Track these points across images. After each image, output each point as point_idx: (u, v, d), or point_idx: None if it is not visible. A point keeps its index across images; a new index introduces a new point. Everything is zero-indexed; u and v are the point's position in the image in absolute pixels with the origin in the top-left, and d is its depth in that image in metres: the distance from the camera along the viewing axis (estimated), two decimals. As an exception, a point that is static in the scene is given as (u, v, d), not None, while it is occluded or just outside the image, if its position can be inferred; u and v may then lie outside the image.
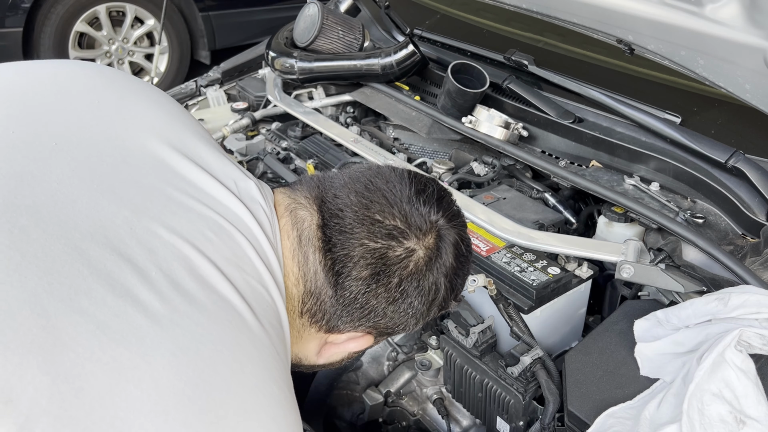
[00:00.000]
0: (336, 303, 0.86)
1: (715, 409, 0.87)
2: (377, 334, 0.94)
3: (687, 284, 1.19)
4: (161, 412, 0.60)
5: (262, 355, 0.72)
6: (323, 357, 0.96)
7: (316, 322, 0.89)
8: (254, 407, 0.67)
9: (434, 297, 0.91)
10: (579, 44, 1.85)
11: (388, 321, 0.90)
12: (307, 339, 0.92)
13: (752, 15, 1.18)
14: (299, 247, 0.86)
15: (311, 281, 0.86)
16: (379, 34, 2.20)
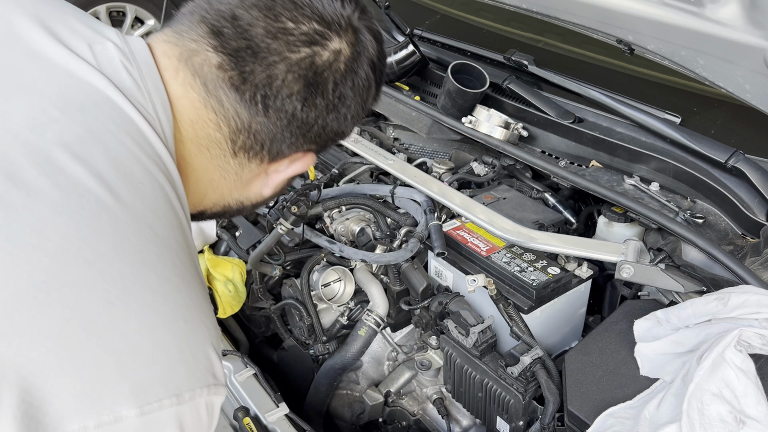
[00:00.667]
0: (274, 127, 0.81)
1: (715, 409, 0.87)
2: (318, 149, 0.89)
3: (687, 284, 1.19)
4: (4, 316, 0.56)
5: (130, 240, 0.65)
6: (269, 187, 0.91)
7: (255, 155, 0.83)
8: (119, 297, 0.61)
9: (368, 92, 0.88)
10: (579, 44, 1.86)
11: (329, 131, 0.86)
12: (249, 178, 0.87)
13: (752, 15, 1.18)
14: (208, 94, 0.78)
15: (234, 120, 0.80)
16: (379, 35, 2.20)
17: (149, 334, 0.63)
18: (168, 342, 0.64)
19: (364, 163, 1.76)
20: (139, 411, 0.60)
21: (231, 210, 0.93)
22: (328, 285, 1.54)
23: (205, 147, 0.82)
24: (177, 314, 0.66)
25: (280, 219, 1.54)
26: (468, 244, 1.39)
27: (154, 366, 0.62)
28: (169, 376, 0.63)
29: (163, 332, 0.64)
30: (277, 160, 0.86)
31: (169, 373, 0.63)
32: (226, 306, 1.64)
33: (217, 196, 0.88)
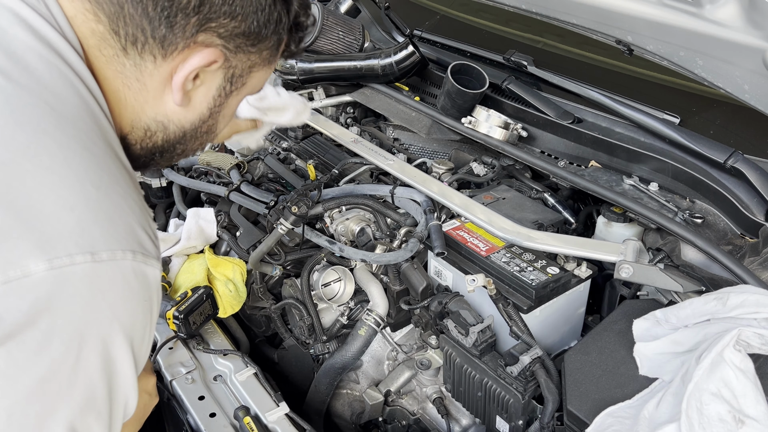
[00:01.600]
0: (144, 6, 0.74)
1: (714, 409, 0.87)
2: (225, 45, 0.81)
3: (686, 284, 1.19)
4: None
5: (23, 111, 0.64)
6: (180, 96, 0.82)
7: (144, 47, 0.77)
8: (12, 158, 0.60)
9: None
10: (578, 45, 1.86)
11: (225, 17, 0.78)
12: (155, 87, 0.81)
13: (751, 16, 1.19)
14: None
15: (106, 3, 0.74)
16: (379, 35, 2.20)
17: (50, 192, 0.60)
18: (73, 201, 0.62)
19: (364, 163, 1.76)
20: (48, 265, 0.58)
21: (156, 138, 0.87)
22: (328, 285, 1.54)
23: (96, 48, 0.77)
24: (82, 178, 0.63)
25: (281, 219, 1.55)
26: (468, 244, 1.39)
27: (60, 222, 0.60)
28: (79, 233, 0.61)
29: (65, 191, 0.62)
30: (170, 53, 0.78)
31: (78, 230, 0.61)
32: (227, 306, 1.65)
33: (131, 115, 0.83)
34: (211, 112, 0.89)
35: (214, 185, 1.89)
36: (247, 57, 0.86)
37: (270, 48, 0.88)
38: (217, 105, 0.89)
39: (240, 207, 1.78)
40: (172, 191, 2.06)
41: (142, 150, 0.87)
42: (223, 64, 0.83)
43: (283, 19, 0.86)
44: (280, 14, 0.85)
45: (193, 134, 0.90)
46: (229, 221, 1.82)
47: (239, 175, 1.85)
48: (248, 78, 0.89)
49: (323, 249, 1.58)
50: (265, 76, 0.94)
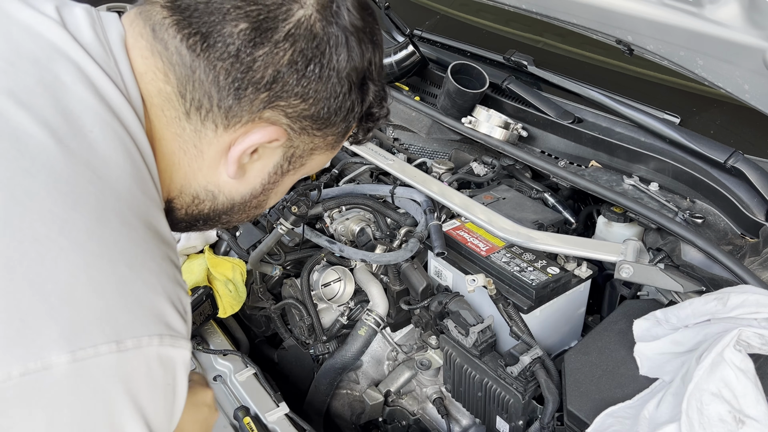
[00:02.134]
0: (216, 74, 0.73)
1: (715, 409, 0.87)
2: (290, 125, 0.79)
3: (686, 284, 1.19)
4: None
5: (67, 181, 0.61)
6: (234, 169, 0.80)
7: (208, 114, 0.75)
8: (47, 235, 0.57)
9: (347, 65, 0.78)
10: (578, 45, 1.86)
11: (296, 98, 0.76)
12: (211, 155, 0.79)
13: (751, 15, 1.18)
14: (155, 38, 0.74)
15: (177, 64, 0.73)
16: (378, 35, 2.20)
17: (81, 274, 0.57)
18: (104, 284, 0.58)
19: (364, 163, 1.76)
20: (70, 357, 0.55)
21: (203, 207, 0.85)
22: (328, 285, 1.54)
23: (159, 107, 0.76)
24: (116, 258, 0.60)
25: (280, 219, 1.55)
26: (468, 244, 1.39)
27: (88, 309, 0.57)
28: (106, 319, 0.57)
29: (98, 273, 0.58)
30: (233, 125, 0.76)
31: (105, 317, 0.57)
32: (227, 306, 1.64)
33: (182, 180, 0.81)
34: (263, 189, 0.87)
35: (214, 185, 1.88)
36: (311, 140, 0.84)
37: (336, 134, 0.85)
38: (271, 182, 0.87)
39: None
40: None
41: (186, 216, 0.85)
42: (284, 143, 0.82)
43: (355, 108, 0.84)
44: (353, 103, 0.83)
45: (241, 207, 0.88)
46: (229, 221, 1.81)
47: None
48: (308, 160, 0.87)
49: (323, 249, 1.58)
50: (326, 160, 0.91)
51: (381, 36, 0.85)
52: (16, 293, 0.54)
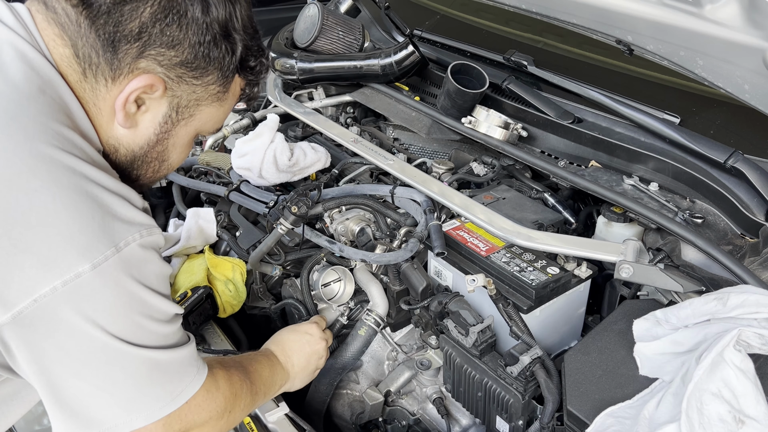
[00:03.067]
0: (96, 29, 0.86)
1: (714, 409, 0.87)
2: (166, 73, 0.91)
3: (686, 284, 1.19)
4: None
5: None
6: (131, 125, 0.94)
7: (97, 69, 0.88)
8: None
9: (203, 16, 0.90)
10: (578, 45, 1.86)
11: (163, 46, 0.89)
12: (105, 108, 0.92)
13: (751, 15, 1.18)
14: (47, 9, 0.88)
15: (67, 25, 0.87)
16: (379, 35, 2.20)
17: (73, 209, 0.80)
18: (89, 213, 0.81)
19: (364, 163, 1.76)
20: (91, 265, 0.79)
21: (113, 158, 0.97)
22: (328, 285, 1.54)
23: (65, 73, 0.89)
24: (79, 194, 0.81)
25: (280, 219, 1.55)
26: (468, 244, 1.39)
27: (91, 230, 0.80)
28: (103, 234, 0.81)
29: (82, 206, 0.81)
30: (117, 77, 0.89)
31: (102, 233, 0.81)
32: (227, 306, 1.64)
33: (101, 133, 0.94)
34: (158, 138, 0.98)
35: (214, 185, 1.89)
36: (192, 89, 0.95)
37: (216, 83, 0.97)
38: (163, 131, 0.98)
39: (240, 207, 1.78)
40: (172, 191, 2.06)
41: (114, 167, 0.96)
42: (165, 93, 0.93)
43: (226, 57, 0.95)
44: (223, 52, 0.94)
45: (143, 159, 1.00)
46: (228, 221, 1.82)
47: (239, 174, 1.84)
48: (196, 110, 0.99)
49: (323, 249, 1.58)
50: (217, 113, 1.02)
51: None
52: (35, 236, 0.78)
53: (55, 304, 0.78)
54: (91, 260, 0.79)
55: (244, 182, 1.78)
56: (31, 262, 0.77)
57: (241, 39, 0.97)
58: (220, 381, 1.04)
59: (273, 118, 1.74)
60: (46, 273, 0.77)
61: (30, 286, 0.77)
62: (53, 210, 0.78)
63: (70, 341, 0.81)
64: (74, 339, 0.81)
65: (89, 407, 0.85)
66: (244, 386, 1.12)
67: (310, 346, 1.39)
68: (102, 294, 0.81)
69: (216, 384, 1.02)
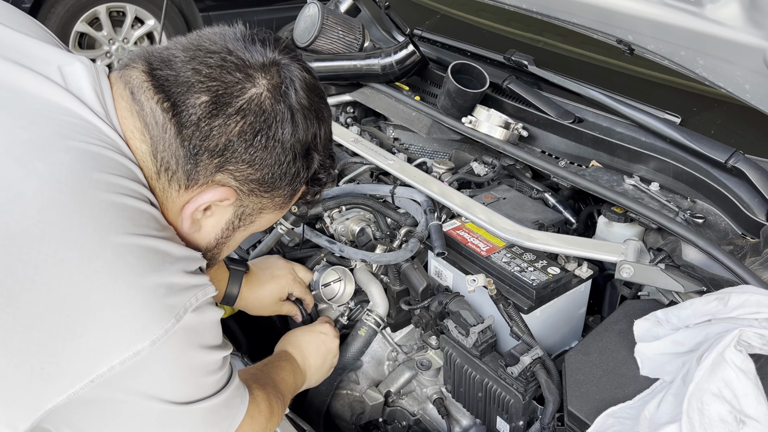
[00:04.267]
0: (182, 139, 0.85)
1: (715, 409, 0.87)
2: (239, 186, 0.91)
3: (687, 284, 1.19)
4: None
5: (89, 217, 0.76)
6: (195, 229, 0.93)
7: (173, 176, 0.88)
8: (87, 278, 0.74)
9: (291, 138, 0.90)
10: (579, 44, 1.86)
11: (244, 164, 0.88)
12: (173, 209, 0.91)
13: (752, 15, 1.18)
14: (134, 100, 0.86)
15: (152, 125, 0.85)
16: (379, 35, 2.20)
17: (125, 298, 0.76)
18: (143, 295, 0.77)
19: (364, 163, 1.76)
20: (150, 342, 0.76)
21: None
22: (328, 285, 1.54)
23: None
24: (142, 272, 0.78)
25: (280, 219, 1.54)
26: (468, 244, 1.39)
27: (144, 312, 0.76)
28: (161, 312, 0.78)
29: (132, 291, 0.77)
30: (191, 185, 0.89)
31: (160, 310, 0.78)
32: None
33: None
34: (217, 243, 0.99)
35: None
36: (259, 200, 0.96)
37: (283, 196, 0.97)
38: (224, 237, 0.99)
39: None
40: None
41: None
42: (234, 202, 0.93)
43: (300, 174, 0.95)
44: (298, 170, 0.94)
45: (207, 253, 0.99)
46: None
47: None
48: (257, 218, 0.99)
49: (323, 249, 1.57)
50: (275, 218, 1.04)
51: (328, 112, 0.98)
52: (95, 316, 0.74)
53: (111, 382, 0.76)
54: (151, 338, 0.77)
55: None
56: (89, 345, 0.74)
57: (319, 158, 0.97)
58: (261, 404, 1.05)
59: None
60: (104, 356, 0.75)
61: (87, 368, 0.74)
62: (114, 292, 0.75)
63: (125, 415, 0.80)
64: (130, 413, 0.80)
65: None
66: (279, 403, 1.13)
67: (326, 346, 1.41)
68: (161, 366, 0.80)
69: (258, 408, 1.03)
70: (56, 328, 0.73)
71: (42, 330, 0.72)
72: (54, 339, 0.73)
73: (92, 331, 0.74)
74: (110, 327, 0.75)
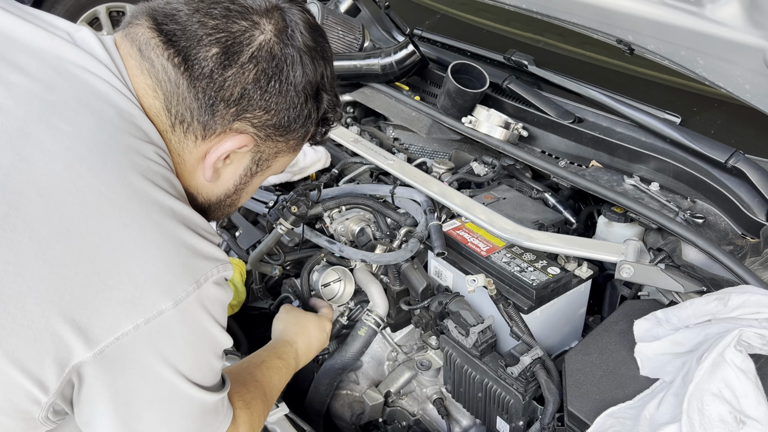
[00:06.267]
0: (195, 91, 0.86)
1: (715, 409, 0.87)
2: (257, 133, 0.92)
3: (687, 284, 1.19)
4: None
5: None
6: (210, 173, 0.94)
7: (188, 128, 0.89)
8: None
9: (303, 80, 0.92)
10: (579, 44, 1.86)
11: (260, 110, 0.90)
12: (190, 160, 0.92)
13: (752, 15, 1.18)
14: (142, 57, 0.87)
15: (165, 81, 0.87)
16: (379, 34, 2.20)
17: (158, 248, 0.79)
18: (168, 253, 0.79)
19: (364, 163, 1.76)
20: (173, 302, 0.78)
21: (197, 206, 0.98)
22: (328, 285, 1.54)
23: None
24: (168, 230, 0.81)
25: (280, 219, 1.54)
26: (468, 244, 1.39)
27: (168, 271, 0.79)
28: (185, 271, 0.80)
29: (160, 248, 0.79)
30: (209, 136, 0.90)
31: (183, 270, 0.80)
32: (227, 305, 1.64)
33: (182, 181, 0.93)
34: (236, 189, 1.01)
35: (214, 185, 1.88)
36: (275, 144, 0.97)
37: (297, 138, 0.99)
38: (242, 183, 1.01)
39: (240, 207, 1.78)
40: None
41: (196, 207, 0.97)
42: (252, 149, 0.95)
43: (312, 116, 0.98)
44: (310, 111, 0.97)
45: (217, 206, 1.02)
46: (228, 221, 1.81)
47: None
48: (273, 162, 1.01)
49: (323, 249, 1.57)
50: (289, 160, 1.06)
51: (331, 52, 1.00)
52: (125, 269, 0.76)
53: (135, 342, 0.78)
54: (174, 297, 0.79)
55: (244, 182, 1.78)
56: (117, 299, 0.76)
57: (328, 97, 0.99)
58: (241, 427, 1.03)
59: None
60: (130, 311, 0.77)
61: (114, 324, 0.76)
62: (143, 246, 0.78)
63: (141, 382, 0.81)
64: (145, 380, 0.81)
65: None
66: (263, 415, 1.12)
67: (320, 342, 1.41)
68: (180, 331, 0.81)
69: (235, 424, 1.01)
70: (89, 278, 0.75)
71: (75, 280, 0.74)
72: (86, 288, 0.75)
73: (122, 284, 0.76)
74: (138, 284, 0.77)
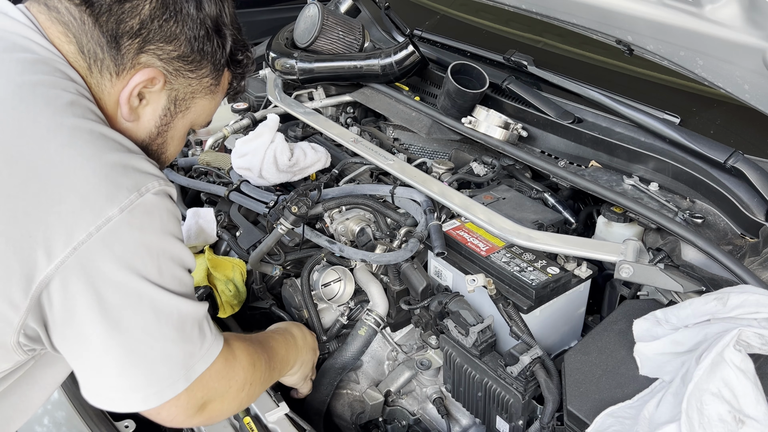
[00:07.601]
0: (100, 26, 0.93)
1: (715, 409, 0.87)
2: (165, 66, 0.98)
3: (686, 284, 1.19)
4: None
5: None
6: (136, 118, 1.01)
7: (102, 65, 0.95)
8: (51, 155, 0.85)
9: (199, 13, 0.98)
10: (578, 45, 1.86)
11: (162, 41, 0.96)
12: (110, 102, 0.98)
13: (751, 15, 1.18)
14: (49, 9, 0.95)
15: (71, 23, 0.94)
16: (379, 35, 2.20)
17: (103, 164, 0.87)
18: (106, 165, 0.87)
19: (364, 163, 1.76)
20: (119, 209, 0.85)
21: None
22: (328, 285, 1.54)
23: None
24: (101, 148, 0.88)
25: (280, 219, 1.55)
26: (468, 244, 1.39)
27: (109, 181, 0.86)
28: (126, 180, 0.87)
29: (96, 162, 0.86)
30: (121, 72, 0.96)
31: (125, 180, 0.87)
32: (227, 306, 1.64)
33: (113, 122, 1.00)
34: (159, 131, 1.06)
35: (214, 185, 1.89)
36: (188, 82, 1.03)
37: (209, 76, 1.05)
38: (163, 123, 1.06)
39: (240, 207, 1.78)
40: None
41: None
42: (165, 86, 1.01)
43: (218, 51, 1.04)
44: (214, 47, 1.03)
45: (145, 151, 1.03)
46: (229, 221, 1.82)
47: (239, 174, 1.84)
48: (191, 103, 1.07)
49: (323, 249, 1.57)
50: (209, 106, 1.11)
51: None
52: (70, 187, 0.84)
53: (91, 250, 0.84)
54: (119, 204, 0.85)
55: (244, 182, 1.78)
56: (66, 211, 0.83)
57: (231, 34, 1.05)
58: (237, 351, 1.07)
59: (273, 118, 1.74)
60: (80, 220, 0.83)
61: (68, 235, 0.83)
62: (80, 161, 0.85)
63: (110, 289, 0.86)
64: (113, 286, 0.86)
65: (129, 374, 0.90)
66: (262, 358, 1.16)
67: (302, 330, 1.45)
68: (132, 236, 0.87)
69: (233, 353, 1.05)
70: (38, 196, 0.83)
71: (26, 199, 0.83)
72: (38, 206, 0.83)
73: (68, 197, 0.83)
74: (82, 194, 0.84)
